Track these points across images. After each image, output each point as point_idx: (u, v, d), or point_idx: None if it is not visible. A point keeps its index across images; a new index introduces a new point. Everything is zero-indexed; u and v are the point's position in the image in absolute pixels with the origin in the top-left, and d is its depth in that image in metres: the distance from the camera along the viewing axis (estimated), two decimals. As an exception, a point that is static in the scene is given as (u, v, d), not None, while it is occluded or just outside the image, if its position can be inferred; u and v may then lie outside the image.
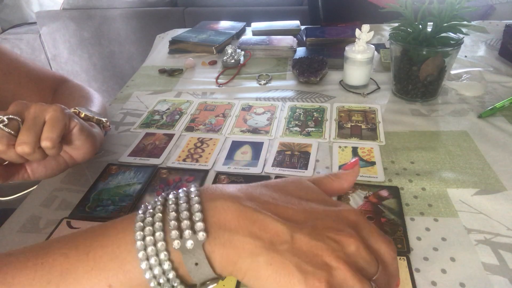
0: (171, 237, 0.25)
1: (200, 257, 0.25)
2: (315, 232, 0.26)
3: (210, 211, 0.27)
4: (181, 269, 0.26)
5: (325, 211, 0.28)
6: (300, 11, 1.88)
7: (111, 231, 0.28)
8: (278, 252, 0.25)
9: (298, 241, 0.25)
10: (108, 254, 0.27)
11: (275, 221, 0.26)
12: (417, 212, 0.47)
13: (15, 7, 2.42)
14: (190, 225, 0.26)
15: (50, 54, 2.25)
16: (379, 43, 1.02)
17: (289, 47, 0.96)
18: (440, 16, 0.65)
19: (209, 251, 0.26)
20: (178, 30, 1.18)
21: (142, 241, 0.26)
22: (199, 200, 0.27)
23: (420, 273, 0.39)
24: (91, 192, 0.53)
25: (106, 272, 0.26)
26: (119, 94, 0.83)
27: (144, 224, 0.26)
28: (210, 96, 0.80)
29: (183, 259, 0.26)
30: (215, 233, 0.26)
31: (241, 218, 0.26)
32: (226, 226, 0.26)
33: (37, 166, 0.48)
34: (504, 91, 0.74)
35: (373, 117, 0.68)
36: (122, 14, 2.05)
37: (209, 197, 0.28)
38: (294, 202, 0.28)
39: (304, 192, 0.30)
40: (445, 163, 0.56)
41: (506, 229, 0.44)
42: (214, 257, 0.26)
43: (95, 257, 0.27)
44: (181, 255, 0.25)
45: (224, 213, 0.27)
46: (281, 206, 0.28)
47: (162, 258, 0.25)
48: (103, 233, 0.28)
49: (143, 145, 0.64)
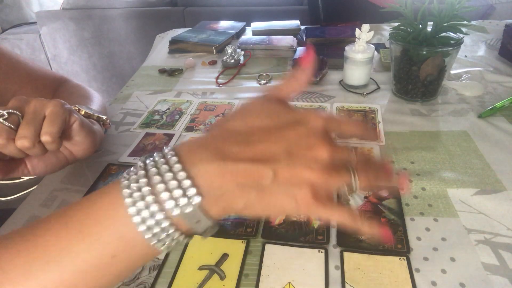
0: (168, 206, 0.27)
1: (199, 215, 0.28)
2: (292, 159, 0.29)
3: (196, 175, 0.28)
4: (184, 227, 0.28)
5: (296, 132, 0.30)
6: (300, 11, 1.88)
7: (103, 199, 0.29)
8: (265, 190, 0.29)
9: (280, 174, 0.28)
10: (106, 228, 0.28)
11: (255, 165, 0.28)
12: (417, 212, 0.47)
13: (15, 7, 2.42)
14: (182, 192, 0.27)
15: (50, 54, 2.25)
16: (379, 43, 1.02)
17: (289, 47, 0.96)
18: (440, 16, 0.65)
19: (206, 209, 0.28)
20: (178, 30, 1.18)
21: (138, 216, 0.27)
22: (181, 167, 0.28)
23: (420, 273, 0.39)
24: (91, 192, 0.53)
25: (107, 245, 0.27)
26: (119, 94, 0.83)
27: (133, 199, 0.27)
28: (210, 96, 0.80)
29: (184, 220, 0.28)
30: (207, 193, 0.28)
31: (225, 173, 0.28)
32: (213, 185, 0.28)
33: (37, 162, 0.49)
34: (504, 91, 0.74)
35: (373, 117, 0.68)
36: (122, 14, 2.05)
37: (190, 162, 0.29)
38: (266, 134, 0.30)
39: (269, 117, 0.32)
40: (445, 163, 0.55)
41: (506, 229, 0.44)
42: (211, 211, 0.29)
43: (91, 232, 0.28)
44: (182, 218, 0.28)
45: (209, 174, 0.28)
46: (256, 145, 0.29)
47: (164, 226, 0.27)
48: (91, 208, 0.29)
49: (143, 145, 0.64)
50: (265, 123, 0.31)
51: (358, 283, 0.39)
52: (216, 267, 0.41)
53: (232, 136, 0.30)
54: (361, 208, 0.48)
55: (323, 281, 0.39)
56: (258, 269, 0.41)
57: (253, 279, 0.40)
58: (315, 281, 0.39)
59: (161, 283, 0.40)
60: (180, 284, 0.40)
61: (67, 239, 0.28)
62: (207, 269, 0.41)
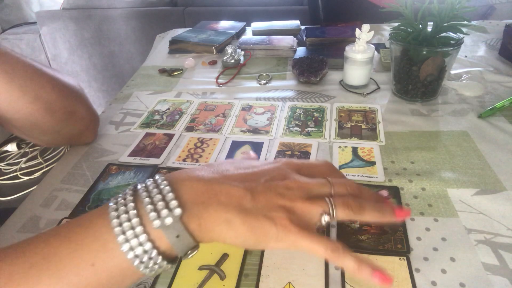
0: (150, 218, 0.28)
1: (180, 229, 0.29)
2: (268, 186, 0.32)
3: (181, 190, 0.30)
4: (163, 245, 0.29)
5: (269, 167, 0.35)
6: (300, 11, 1.88)
7: (89, 219, 0.30)
8: (246, 210, 0.30)
9: (258, 197, 0.31)
10: (90, 236, 0.28)
11: (236, 187, 0.31)
12: (417, 212, 0.47)
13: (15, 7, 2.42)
14: (164, 205, 0.29)
15: (50, 54, 2.25)
16: (379, 43, 1.02)
17: (289, 47, 0.96)
18: (440, 16, 0.65)
19: (186, 223, 0.29)
20: (178, 30, 1.18)
21: (119, 227, 0.28)
22: (168, 183, 0.30)
23: (420, 273, 0.39)
24: (91, 192, 0.53)
25: (90, 253, 0.28)
26: (119, 94, 0.83)
27: (118, 213, 0.29)
28: (210, 96, 0.80)
29: (165, 235, 0.28)
30: (189, 208, 0.29)
31: (209, 191, 0.31)
32: (197, 201, 0.30)
33: None
34: (504, 91, 0.74)
35: (373, 117, 0.68)
36: (122, 14, 2.05)
37: (176, 180, 0.31)
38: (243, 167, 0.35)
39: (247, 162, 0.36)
40: (445, 163, 0.55)
41: (506, 229, 0.44)
42: (192, 227, 0.29)
43: (77, 240, 0.28)
44: (162, 232, 0.28)
45: (193, 190, 0.31)
46: (236, 173, 0.33)
47: (142, 240, 0.28)
48: (81, 223, 0.30)
49: (143, 145, 0.64)
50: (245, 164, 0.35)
51: (358, 283, 0.39)
52: (216, 267, 0.41)
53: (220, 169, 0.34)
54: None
55: (323, 281, 0.39)
56: (258, 269, 0.41)
57: (253, 279, 0.40)
58: (315, 281, 0.39)
59: (161, 283, 0.40)
60: (180, 284, 0.40)
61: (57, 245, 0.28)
62: (207, 269, 0.41)
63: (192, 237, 0.29)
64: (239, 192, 0.31)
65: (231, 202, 0.30)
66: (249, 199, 0.31)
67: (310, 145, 0.61)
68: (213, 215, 0.30)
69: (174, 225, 0.28)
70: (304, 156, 0.58)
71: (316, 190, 0.33)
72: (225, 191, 0.31)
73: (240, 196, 0.31)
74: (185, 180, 0.31)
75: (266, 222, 0.30)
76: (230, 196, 0.31)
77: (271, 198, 0.31)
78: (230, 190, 0.31)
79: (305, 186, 0.33)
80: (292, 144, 0.62)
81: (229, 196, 0.31)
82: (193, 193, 0.30)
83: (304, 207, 0.31)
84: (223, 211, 0.30)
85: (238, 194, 0.31)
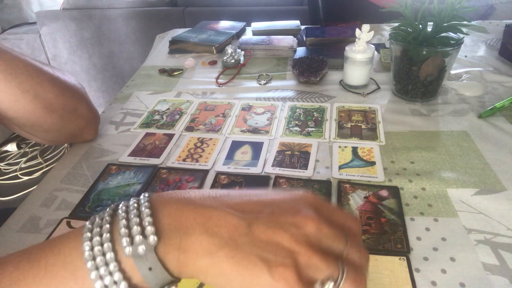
0: (122, 244, 0.24)
1: (153, 261, 0.25)
2: (272, 219, 0.26)
3: (163, 214, 0.26)
4: (136, 277, 0.25)
5: (281, 197, 0.28)
6: (300, 11, 1.88)
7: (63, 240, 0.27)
8: (237, 245, 0.25)
9: (256, 231, 0.25)
10: (59, 261, 0.26)
11: (231, 214, 0.26)
12: (417, 212, 0.47)
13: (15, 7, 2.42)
14: (140, 230, 0.25)
15: (50, 54, 2.25)
16: (379, 43, 1.02)
17: (289, 47, 0.96)
18: (440, 16, 0.65)
19: (163, 255, 0.25)
20: (178, 30, 1.18)
21: (90, 251, 0.25)
22: (149, 205, 0.26)
23: (420, 273, 0.39)
24: (91, 192, 0.53)
25: (58, 280, 0.25)
26: (119, 94, 0.83)
27: (92, 235, 0.25)
28: (210, 96, 0.80)
29: (136, 266, 0.25)
30: (168, 236, 0.25)
31: (196, 216, 0.26)
32: (180, 227, 0.25)
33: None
34: (504, 91, 0.74)
35: (373, 117, 0.68)
36: (122, 14, 2.05)
37: (161, 201, 0.27)
38: (248, 195, 0.28)
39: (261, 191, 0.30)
40: (445, 163, 0.55)
41: (506, 229, 0.44)
42: (169, 259, 0.25)
43: (47, 264, 0.26)
44: (133, 261, 0.25)
45: (179, 213, 0.26)
46: (236, 200, 0.27)
47: (112, 269, 0.24)
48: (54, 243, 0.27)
49: (143, 145, 0.64)
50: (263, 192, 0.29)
51: None
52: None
53: (220, 193, 0.28)
54: (361, 208, 0.48)
55: None
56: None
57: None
58: None
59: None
60: (180, 283, 0.40)
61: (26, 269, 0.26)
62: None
63: (168, 271, 0.25)
64: (233, 221, 0.25)
65: (220, 232, 0.25)
66: (244, 232, 0.25)
67: (310, 145, 0.61)
68: (195, 244, 0.25)
69: (147, 255, 0.24)
70: (304, 156, 0.59)
71: (328, 241, 0.26)
72: (216, 217, 0.25)
73: (234, 226, 0.25)
74: (170, 201, 0.27)
75: (258, 265, 0.24)
76: (221, 225, 0.25)
77: (273, 235, 0.25)
78: (223, 216, 0.25)
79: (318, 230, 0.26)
80: (292, 144, 0.62)
81: (220, 223, 0.25)
82: (176, 218, 0.26)
83: (312, 259, 0.24)
84: (208, 241, 0.25)
85: (232, 223, 0.25)
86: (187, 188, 0.53)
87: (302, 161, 0.57)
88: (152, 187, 0.54)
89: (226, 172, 0.56)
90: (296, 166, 0.56)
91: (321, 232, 0.26)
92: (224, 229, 0.25)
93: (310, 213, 0.26)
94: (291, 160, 0.58)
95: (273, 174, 0.55)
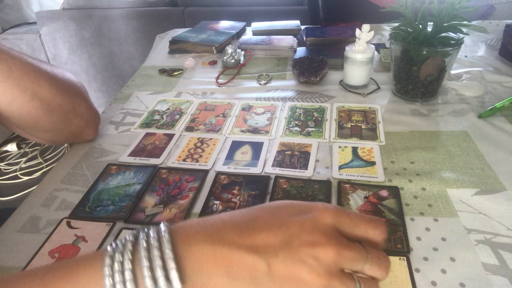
0: (145, 284, 0.25)
1: None
2: (291, 254, 0.26)
3: (185, 256, 0.26)
4: None
5: (299, 222, 0.28)
6: (300, 11, 1.88)
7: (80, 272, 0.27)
8: (259, 285, 0.26)
9: (275, 269, 0.26)
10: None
11: (250, 254, 0.26)
12: (417, 212, 0.47)
13: (15, 7, 2.42)
14: (164, 274, 0.25)
15: (50, 54, 2.25)
16: (379, 43, 1.02)
17: (289, 47, 0.96)
18: (440, 16, 0.65)
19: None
20: (178, 30, 1.18)
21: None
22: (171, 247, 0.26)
23: (420, 273, 0.39)
24: (91, 192, 0.53)
25: None
26: (119, 94, 0.83)
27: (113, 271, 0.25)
28: (210, 96, 0.80)
29: None
30: (190, 279, 0.25)
31: (217, 259, 0.26)
32: (202, 271, 0.26)
33: None
34: (504, 91, 0.74)
35: (373, 117, 0.68)
36: (122, 14, 2.05)
37: (183, 240, 0.27)
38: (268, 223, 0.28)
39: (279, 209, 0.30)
40: (445, 163, 0.55)
41: (506, 229, 0.44)
42: None
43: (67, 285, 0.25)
44: None
45: (200, 257, 0.26)
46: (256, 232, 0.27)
47: None
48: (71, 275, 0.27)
49: (143, 145, 0.64)
50: (271, 213, 0.29)
51: (358, 283, 0.39)
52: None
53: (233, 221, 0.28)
54: (361, 208, 0.48)
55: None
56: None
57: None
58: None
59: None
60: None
61: None
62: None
63: None
64: (253, 261, 0.26)
65: (242, 274, 0.26)
66: (264, 271, 0.26)
67: (310, 145, 0.61)
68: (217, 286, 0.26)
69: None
70: (304, 156, 0.59)
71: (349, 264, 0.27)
72: (236, 259, 0.26)
73: (255, 266, 0.26)
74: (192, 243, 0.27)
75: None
76: (242, 266, 0.26)
77: (293, 271, 0.26)
78: (243, 258, 0.26)
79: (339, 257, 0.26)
80: (292, 144, 0.62)
81: (240, 265, 0.26)
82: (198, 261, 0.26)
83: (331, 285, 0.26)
84: (230, 284, 0.26)
85: (252, 264, 0.26)
86: (186, 188, 0.53)
87: (302, 161, 0.57)
88: (152, 187, 0.54)
89: (226, 172, 0.56)
90: (296, 166, 0.56)
91: (341, 257, 0.26)
92: (245, 271, 0.26)
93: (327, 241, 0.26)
94: (291, 160, 0.58)
95: (273, 174, 0.55)
